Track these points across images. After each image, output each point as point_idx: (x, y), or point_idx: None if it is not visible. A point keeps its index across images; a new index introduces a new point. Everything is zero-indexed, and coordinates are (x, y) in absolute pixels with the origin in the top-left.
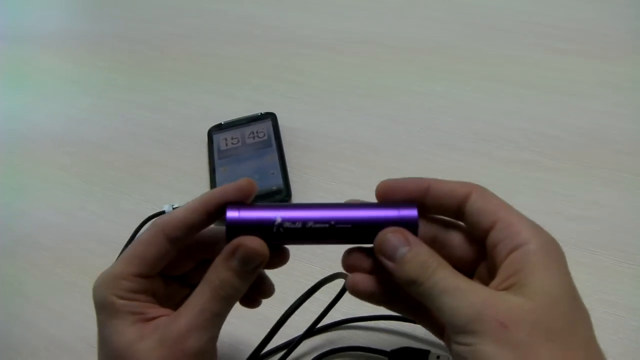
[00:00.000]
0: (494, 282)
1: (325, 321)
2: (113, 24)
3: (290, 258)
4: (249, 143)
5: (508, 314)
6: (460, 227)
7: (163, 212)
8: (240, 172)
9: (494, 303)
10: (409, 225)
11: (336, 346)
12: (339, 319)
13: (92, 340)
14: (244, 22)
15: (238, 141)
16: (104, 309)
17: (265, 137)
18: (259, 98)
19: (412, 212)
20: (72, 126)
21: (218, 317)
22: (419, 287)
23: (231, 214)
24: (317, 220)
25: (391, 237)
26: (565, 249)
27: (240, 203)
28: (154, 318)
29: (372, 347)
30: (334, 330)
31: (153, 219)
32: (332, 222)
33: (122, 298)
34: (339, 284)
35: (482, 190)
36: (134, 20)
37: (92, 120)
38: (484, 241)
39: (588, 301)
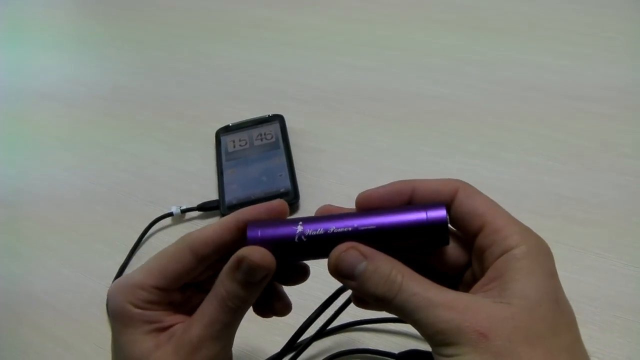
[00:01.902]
0: (476, 286)
1: (335, 323)
2: (120, 24)
3: None
4: (257, 145)
5: (487, 322)
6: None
7: (171, 214)
8: (248, 174)
9: (471, 313)
10: (438, 226)
11: (345, 348)
12: (348, 321)
13: (98, 341)
14: (253, 24)
15: (246, 143)
16: (119, 317)
17: (273, 139)
18: (267, 100)
19: (441, 213)
20: (78, 127)
21: (228, 327)
22: (388, 304)
23: (252, 233)
24: (339, 226)
25: (344, 255)
26: (571, 252)
27: (262, 221)
28: (169, 326)
29: (381, 349)
30: (343, 332)
31: (184, 235)
32: (355, 226)
33: (138, 307)
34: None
35: (467, 189)
36: (141, 21)
37: (98, 121)
38: (471, 243)
39: (595, 305)
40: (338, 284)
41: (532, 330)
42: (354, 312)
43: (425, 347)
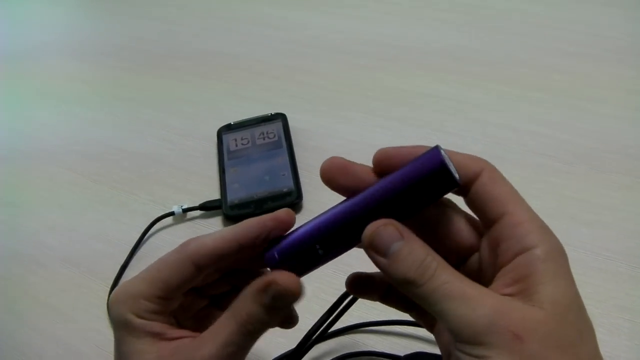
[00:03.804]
0: (496, 285)
1: (339, 325)
2: (122, 23)
3: None
4: (259, 144)
5: (522, 324)
6: (460, 211)
7: (172, 214)
8: (250, 173)
9: (507, 312)
10: (436, 169)
11: (349, 351)
12: (353, 323)
13: (99, 342)
14: (255, 22)
15: (248, 142)
16: (122, 327)
17: (276, 138)
18: (269, 98)
19: (435, 155)
20: (79, 126)
21: (243, 350)
22: (417, 289)
23: (269, 258)
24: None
25: (382, 230)
26: (579, 254)
27: (273, 241)
28: (174, 338)
29: (386, 352)
30: (347, 334)
31: (184, 242)
32: (365, 205)
33: (141, 317)
34: None
35: (493, 172)
36: (143, 19)
37: (100, 120)
38: (485, 229)
39: (602, 307)
40: (332, 282)
41: (563, 337)
42: (358, 314)
43: (431, 349)
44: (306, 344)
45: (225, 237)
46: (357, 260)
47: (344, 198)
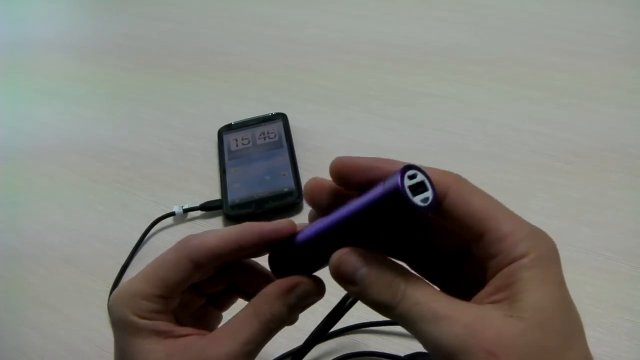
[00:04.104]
0: (481, 294)
1: (339, 325)
2: (122, 22)
3: None
4: (260, 144)
5: (497, 339)
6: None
7: (173, 214)
8: (251, 173)
9: (480, 329)
10: (394, 198)
11: (350, 351)
12: (353, 324)
13: (99, 342)
14: (255, 21)
15: (249, 142)
16: (124, 328)
17: (276, 138)
18: (270, 98)
19: (394, 180)
20: (80, 125)
21: (260, 347)
22: (392, 311)
23: (275, 272)
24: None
25: (344, 259)
26: (579, 253)
27: (276, 245)
28: (180, 336)
29: (386, 352)
30: (348, 334)
31: (182, 239)
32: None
33: (143, 318)
34: None
35: (460, 187)
36: (144, 19)
37: (101, 120)
38: (469, 246)
39: (603, 307)
40: (333, 282)
41: (545, 346)
42: (358, 314)
43: None
44: (311, 345)
45: (225, 238)
46: None
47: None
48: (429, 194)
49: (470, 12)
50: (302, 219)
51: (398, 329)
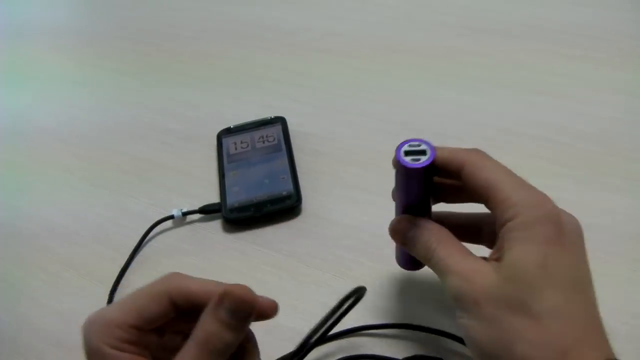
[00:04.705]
0: (491, 252)
1: (337, 328)
2: (121, 25)
3: (301, 263)
4: (259, 147)
5: (481, 291)
6: None
7: (172, 217)
8: (250, 176)
9: (471, 282)
10: (397, 162)
11: (348, 354)
12: (352, 327)
13: None
14: (255, 24)
15: (248, 145)
16: (94, 356)
17: (275, 142)
18: (269, 102)
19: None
20: (79, 128)
21: None
22: (428, 263)
23: None
24: None
25: (396, 224)
26: None
27: None
28: None
29: (385, 355)
30: (346, 337)
31: (167, 274)
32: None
33: (113, 347)
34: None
35: (472, 163)
36: (143, 21)
37: (100, 122)
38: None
39: (601, 310)
40: (344, 292)
41: (514, 297)
42: (357, 317)
43: (429, 353)
44: (305, 347)
45: (208, 288)
46: (354, 263)
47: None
48: (425, 157)
49: (469, 16)
50: (300, 222)
51: (397, 332)
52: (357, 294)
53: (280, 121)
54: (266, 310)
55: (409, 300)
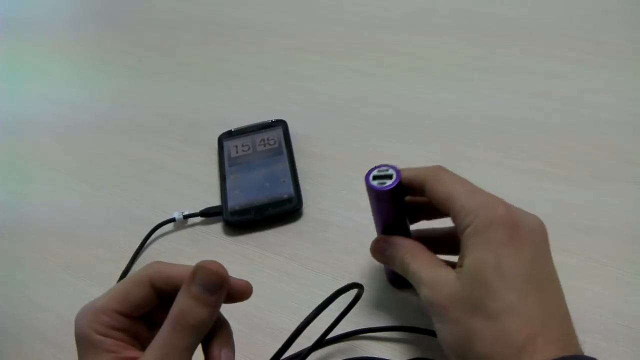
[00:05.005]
0: (458, 260)
1: (337, 332)
2: (123, 28)
3: (301, 267)
4: (260, 150)
5: (447, 297)
6: None
7: (173, 220)
8: (250, 179)
9: (440, 291)
10: (367, 186)
11: (347, 357)
12: (351, 330)
13: None
14: (256, 27)
15: (249, 148)
16: (82, 342)
17: (276, 145)
18: (270, 105)
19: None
20: (80, 130)
21: (182, 350)
22: (406, 277)
23: None
24: None
25: (375, 245)
26: (577, 260)
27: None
28: (126, 358)
29: (384, 358)
30: (345, 341)
31: (149, 263)
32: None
33: (99, 333)
34: (351, 293)
35: (430, 179)
36: (144, 25)
37: (101, 125)
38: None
39: (600, 313)
40: (332, 289)
41: (472, 299)
42: (356, 320)
43: (429, 355)
44: (289, 345)
45: (188, 271)
46: (355, 266)
47: (347, 209)
48: (390, 181)
49: (468, 20)
50: (301, 225)
51: (397, 334)
52: (351, 290)
53: (281, 124)
54: (239, 289)
55: (408, 303)
